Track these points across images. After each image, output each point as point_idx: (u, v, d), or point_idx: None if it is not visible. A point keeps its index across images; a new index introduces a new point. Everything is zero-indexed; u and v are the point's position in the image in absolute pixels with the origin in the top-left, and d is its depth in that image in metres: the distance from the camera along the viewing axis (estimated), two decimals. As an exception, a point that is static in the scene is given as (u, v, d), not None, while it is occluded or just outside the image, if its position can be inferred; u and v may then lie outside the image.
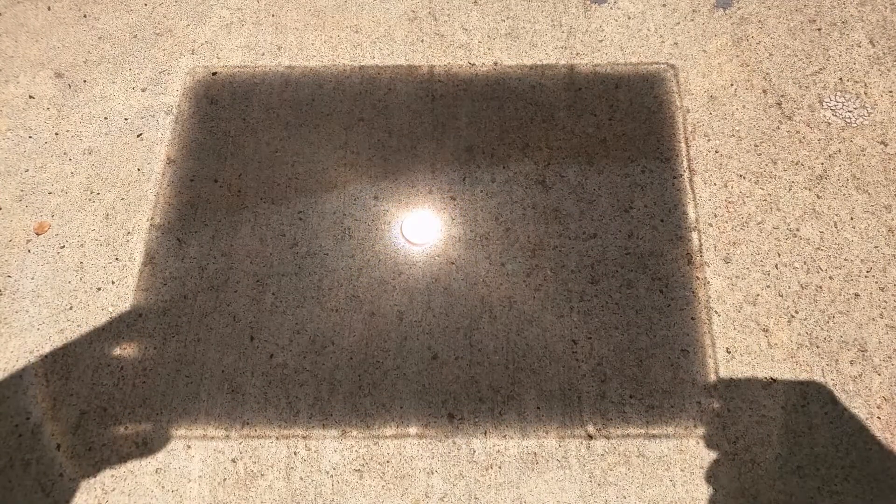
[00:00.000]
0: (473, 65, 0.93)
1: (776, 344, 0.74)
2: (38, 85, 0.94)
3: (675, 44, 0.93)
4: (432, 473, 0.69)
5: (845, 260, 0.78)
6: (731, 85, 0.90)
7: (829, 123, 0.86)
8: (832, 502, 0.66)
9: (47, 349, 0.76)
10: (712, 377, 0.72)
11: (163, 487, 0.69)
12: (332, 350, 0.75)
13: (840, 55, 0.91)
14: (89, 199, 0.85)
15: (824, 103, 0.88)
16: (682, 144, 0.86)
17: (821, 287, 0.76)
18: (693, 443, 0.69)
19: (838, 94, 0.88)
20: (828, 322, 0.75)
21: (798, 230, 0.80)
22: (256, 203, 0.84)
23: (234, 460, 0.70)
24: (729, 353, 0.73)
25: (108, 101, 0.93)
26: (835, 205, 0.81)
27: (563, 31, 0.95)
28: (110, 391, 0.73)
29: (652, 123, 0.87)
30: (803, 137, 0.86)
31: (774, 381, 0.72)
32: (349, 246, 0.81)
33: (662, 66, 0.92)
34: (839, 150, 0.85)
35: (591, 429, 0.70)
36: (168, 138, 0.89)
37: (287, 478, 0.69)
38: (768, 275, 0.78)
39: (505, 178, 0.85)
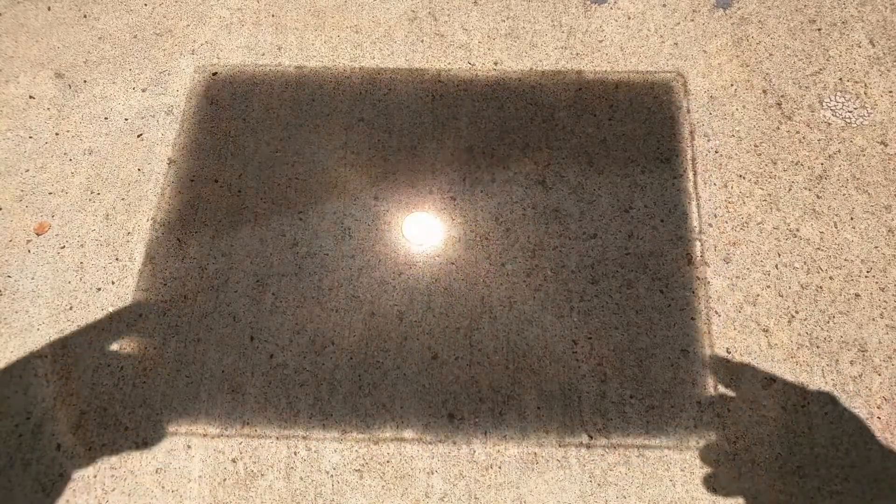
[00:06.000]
0: (473, 65, 0.93)
1: (776, 344, 0.74)
2: (38, 85, 0.94)
3: (675, 44, 0.94)
4: (432, 473, 0.69)
5: (845, 260, 0.78)
6: (731, 85, 0.90)
7: (829, 123, 0.86)
8: (832, 502, 0.66)
9: (47, 349, 0.76)
10: (712, 377, 0.72)
11: (163, 487, 0.69)
12: (332, 350, 0.75)
13: (840, 55, 0.91)
14: (89, 200, 0.85)
15: (824, 103, 0.88)
16: (682, 144, 0.86)
17: (821, 287, 0.76)
18: (693, 443, 0.69)
19: (838, 94, 0.88)
20: (828, 322, 0.75)
21: (798, 230, 0.80)
22: (256, 203, 0.84)
23: (234, 460, 0.70)
24: (729, 353, 0.73)
25: (108, 101, 0.93)
26: (835, 205, 0.81)
27: (563, 32, 0.95)
28: (110, 391, 0.73)
29: (652, 123, 0.87)
30: (803, 137, 0.86)
31: (774, 381, 0.72)
32: (349, 246, 0.81)
33: (662, 65, 0.92)
34: (839, 150, 0.85)
35: (591, 429, 0.70)
36: (168, 139, 0.89)
37: (287, 478, 0.69)
38: (768, 275, 0.78)
39: (505, 179, 0.85)
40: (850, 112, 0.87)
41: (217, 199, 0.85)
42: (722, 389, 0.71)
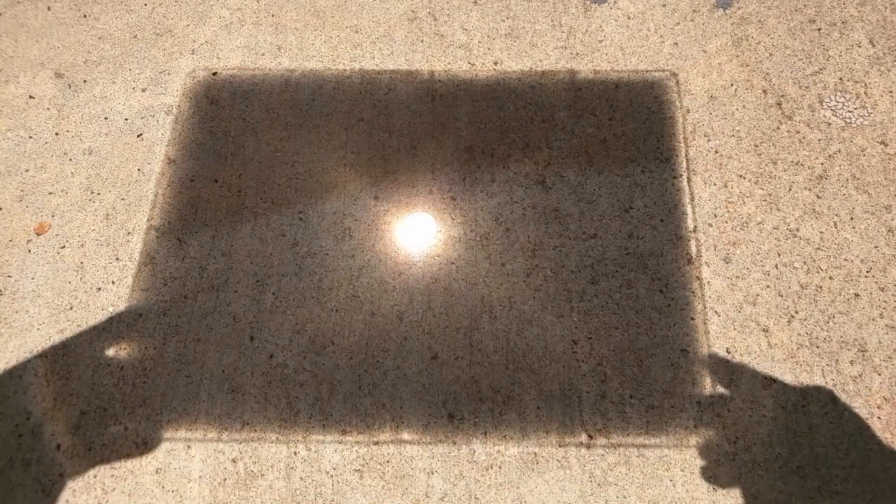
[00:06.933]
0: (473, 65, 0.93)
1: (776, 344, 0.74)
2: (38, 85, 0.94)
3: (675, 44, 0.93)
4: (432, 473, 0.69)
5: (845, 260, 0.78)
6: (731, 85, 0.90)
7: (829, 123, 0.86)
8: (832, 502, 0.66)
9: (47, 349, 0.76)
10: (712, 377, 0.72)
11: (163, 487, 0.69)
12: (332, 350, 0.75)
13: (840, 55, 0.91)
14: (89, 199, 0.85)
15: (824, 103, 0.88)
16: (682, 144, 0.86)
17: (821, 287, 0.76)
18: (693, 443, 0.69)
19: (838, 94, 0.88)
20: (828, 322, 0.75)
21: (798, 230, 0.80)
22: (256, 203, 0.84)
23: (234, 460, 0.70)
24: (729, 353, 0.73)
25: (108, 101, 0.93)
26: (835, 205, 0.81)
27: (563, 32, 0.95)
28: (110, 391, 0.73)
29: (652, 123, 0.87)
30: (803, 137, 0.86)
31: (774, 381, 0.72)
32: (349, 246, 0.81)
33: (662, 65, 0.92)
34: (839, 150, 0.85)
35: (591, 429, 0.70)
36: (168, 138, 0.89)
37: (287, 478, 0.69)
38: (768, 275, 0.78)
39: (505, 178, 0.85)
40: (850, 112, 0.87)
41: (217, 199, 0.85)
42: (722, 389, 0.71)
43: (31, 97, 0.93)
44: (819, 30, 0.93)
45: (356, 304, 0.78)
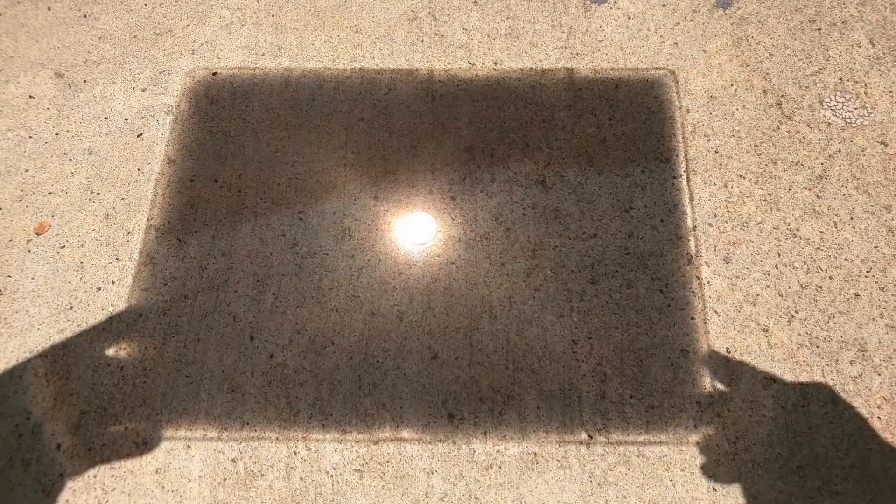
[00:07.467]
0: (473, 65, 0.93)
1: (776, 344, 0.74)
2: (38, 85, 0.94)
3: (675, 44, 0.93)
4: (432, 473, 0.69)
5: (845, 260, 0.78)
6: (731, 85, 0.90)
7: (829, 123, 0.86)
8: (832, 502, 0.66)
9: (47, 349, 0.76)
10: (712, 377, 0.72)
11: (163, 487, 0.69)
12: (332, 350, 0.75)
13: (840, 55, 0.91)
14: (89, 199, 0.85)
15: (824, 103, 0.88)
16: (682, 144, 0.86)
17: (821, 287, 0.76)
18: (693, 442, 0.69)
19: (838, 94, 0.88)
20: (828, 322, 0.75)
21: (798, 230, 0.80)
22: (256, 203, 0.84)
23: (234, 460, 0.70)
24: (729, 352, 0.73)
25: (108, 101, 0.93)
26: (835, 205, 0.81)
27: (563, 32, 0.95)
28: (110, 391, 0.73)
29: (652, 123, 0.87)
30: (803, 137, 0.86)
31: (774, 380, 0.72)
32: (349, 246, 0.81)
33: (662, 65, 0.92)
34: (839, 150, 0.85)
35: (591, 429, 0.70)
36: (168, 138, 0.89)
37: (287, 478, 0.69)
38: (768, 275, 0.78)
39: (505, 178, 0.85)
40: (850, 112, 0.87)
41: (217, 199, 0.85)
42: (722, 389, 0.71)
43: (31, 97, 0.93)
44: (819, 30, 0.93)
45: (356, 304, 0.78)
